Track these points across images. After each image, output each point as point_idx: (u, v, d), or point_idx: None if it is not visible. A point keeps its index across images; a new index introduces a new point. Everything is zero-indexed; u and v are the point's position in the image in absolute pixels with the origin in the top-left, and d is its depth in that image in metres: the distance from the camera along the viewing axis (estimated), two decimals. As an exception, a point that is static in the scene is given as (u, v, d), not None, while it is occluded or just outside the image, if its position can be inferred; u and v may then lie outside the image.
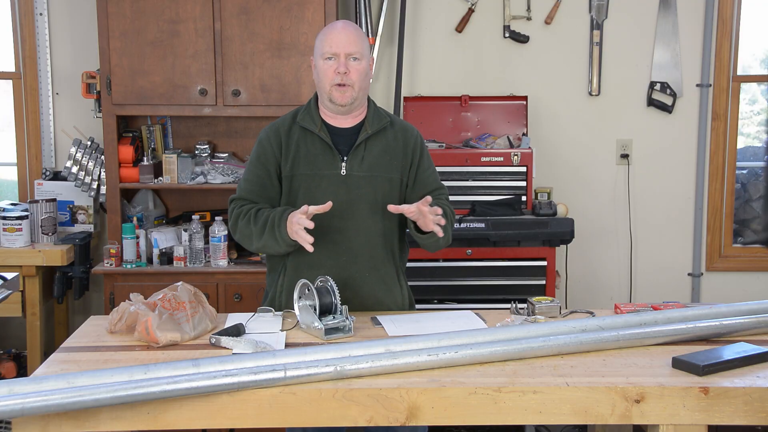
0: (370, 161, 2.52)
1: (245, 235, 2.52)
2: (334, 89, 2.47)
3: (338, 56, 2.46)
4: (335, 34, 2.48)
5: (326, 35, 2.50)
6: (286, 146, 2.54)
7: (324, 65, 2.48)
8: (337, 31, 2.49)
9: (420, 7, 4.01)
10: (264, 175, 2.55)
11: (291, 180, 2.53)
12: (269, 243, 2.45)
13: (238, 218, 2.53)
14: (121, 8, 3.51)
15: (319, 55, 2.50)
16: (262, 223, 2.46)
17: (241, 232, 2.53)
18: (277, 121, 2.61)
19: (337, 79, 2.46)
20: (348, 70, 2.46)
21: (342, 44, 2.46)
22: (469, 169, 3.65)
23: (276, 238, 2.42)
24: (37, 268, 3.62)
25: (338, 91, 2.47)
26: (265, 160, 2.55)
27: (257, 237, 2.47)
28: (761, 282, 4.12)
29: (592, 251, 4.11)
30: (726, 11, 3.99)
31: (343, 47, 2.46)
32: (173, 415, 1.86)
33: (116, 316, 2.28)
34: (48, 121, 3.97)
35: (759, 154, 4.31)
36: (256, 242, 2.49)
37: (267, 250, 2.52)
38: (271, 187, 2.55)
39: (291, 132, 2.55)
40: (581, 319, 2.32)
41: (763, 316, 2.31)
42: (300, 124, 2.54)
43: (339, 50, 2.46)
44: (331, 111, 2.54)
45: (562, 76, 4.04)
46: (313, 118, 2.55)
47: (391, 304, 2.58)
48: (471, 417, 1.90)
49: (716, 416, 1.91)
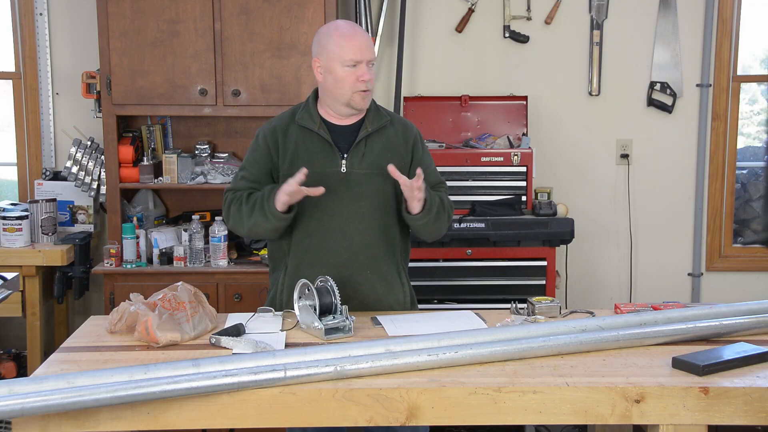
0: (370, 159, 2.52)
1: (236, 219, 2.53)
2: (357, 95, 2.47)
3: (361, 63, 2.45)
4: (356, 41, 2.46)
5: (346, 41, 2.46)
6: (284, 146, 2.54)
7: (344, 72, 2.46)
8: (357, 37, 2.47)
9: (420, 7, 4.01)
10: (258, 173, 2.56)
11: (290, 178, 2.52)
12: (258, 220, 2.45)
13: (230, 204, 2.55)
14: (121, 8, 3.51)
15: (338, 61, 2.46)
16: (251, 203, 2.47)
17: (233, 217, 2.55)
18: (275, 119, 2.61)
19: (362, 86, 2.46)
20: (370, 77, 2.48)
21: (365, 51, 2.46)
22: (469, 169, 3.65)
23: (265, 212, 2.43)
24: (37, 268, 3.62)
25: (361, 96, 2.48)
26: (260, 159, 2.56)
27: (247, 217, 2.48)
28: (761, 282, 4.12)
29: (592, 251, 4.11)
30: (726, 11, 3.99)
31: (366, 55, 2.46)
32: (173, 415, 1.86)
33: (116, 316, 2.28)
34: (48, 121, 3.98)
35: (759, 154, 4.31)
36: (246, 222, 2.49)
37: (257, 229, 2.50)
38: (266, 184, 2.55)
39: (289, 131, 2.55)
40: (581, 319, 2.32)
41: (763, 316, 2.31)
42: (299, 123, 2.54)
43: (362, 58, 2.45)
44: (341, 114, 2.54)
45: (562, 76, 4.04)
46: (312, 117, 2.54)
47: (392, 302, 2.58)
48: (471, 417, 1.90)
49: (716, 416, 1.91)
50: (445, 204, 2.58)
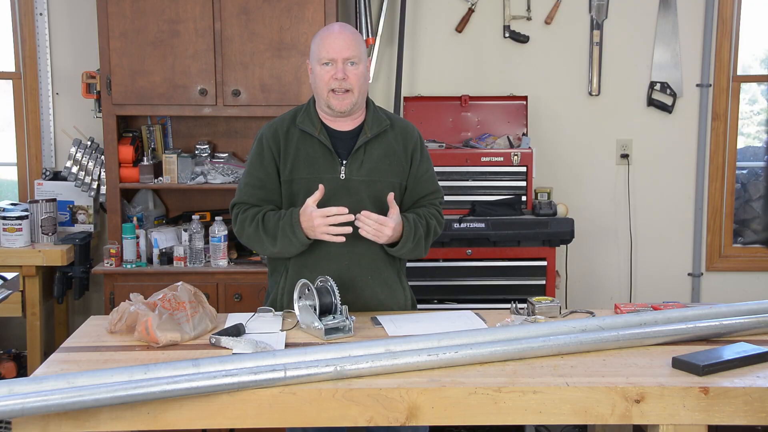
0: (369, 166, 2.50)
1: (255, 241, 2.51)
2: (331, 96, 2.45)
3: (336, 62, 2.43)
4: (332, 39, 2.45)
5: (323, 39, 2.46)
6: (285, 149, 2.52)
7: (321, 70, 2.45)
8: (333, 35, 2.46)
9: (420, 7, 4.01)
10: (264, 177, 2.53)
11: (291, 184, 2.51)
12: (284, 249, 2.45)
13: (244, 224, 2.51)
14: (121, 8, 3.51)
15: (315, 60, 2.47)
16: (272, 229, 2.44)
17: (248, 238, 2.52)
18: (276, 120, 2.59)
19: (334, 84, 2.43)
20: (346, 75, 2.43)
21: (339, 49, 2.43)
22: (469, 169, 3.65)
23: (292, 242, 2.41)
24: (37, 268, 3.62)
25: (335, 98, 2.45)
26: (265, 160, 2.53)
27: (270, 244, 2.46)
28: (761, 282, 4.12)
29: (592, 251, 4.11)
30: (726, 11, 3.99)
31: (340, 52, 2.43)
32: (173, 415, 1.86)
33: (116, 316, 2.28)
34: (48, 121, 3.98)
35: (759, 154, 4.31)
36: (270, 248, 2.48)
37: (282, 254, 2.50)
38: (273, 189, 2.53)
39: (289, 134, 2.53)
40: (581, 319, 2.32)
41: (763, 316, 2.31)
42: (300, 127, 2.52)
43: (336, 55, 2.43)
44: (329, 115, 2.53)
45: (562, 76, 4.04)
46: (312, 121, 2.52)
47: (393, 306, 2.58)
48: (471, 417, 1.90)
49: (716, 416, 1.91)
50: (431, 227, 2.56)
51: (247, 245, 2.58)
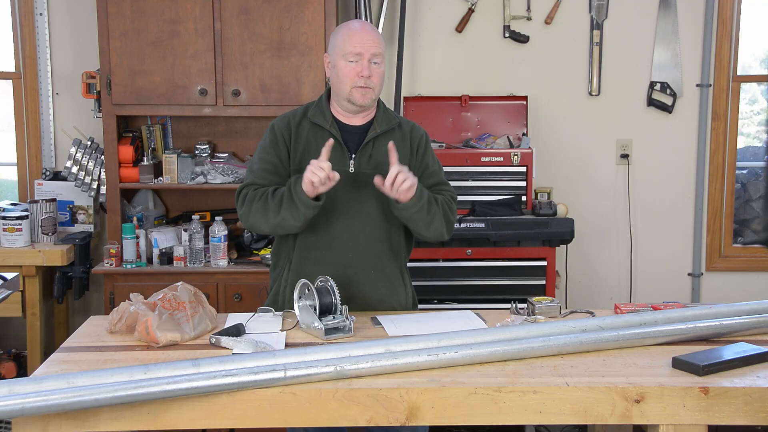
0: (377, 159, 2.52)
1: (260, 215, 2.45)
2: (355, 90, 2.46)
3: (362, 57, 2.44)
4: (360, 34, 2.46)
5: (350, 34, 2.47)
6: (296, 139, 2.53)
7: (346, 66, 2.46)
8: (361, 31, 2.47)
9: (420, 7, 4.01)
10: (277, 162, 2.53)
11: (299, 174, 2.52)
12: (286, 214, 2.39)
13: (253, 200, 2.47)
14: (121, 8, 3.51)
15: (340, 55, 2.47)
16: (279, 197, 2.42)
17: (255, 213, 2.46)
18: (288, 113, 2.60)
19: (360, 82, 2.45)
20: (371, 73, 2.45)
21: (367, 44, 2.45)
22: (469, 169, 3.65)
23: (294, 202, 2.36)
24: (37, 268, 3.62)
25: (360, 92, 2.46)
26: (278, 147, 2.53)
27: (274, 212, 2.41)
28: (761, 282, 4.12)
29: (592, 251, 4.11)
30: (726, 11, 3.99)
31: (368, 47, 2.44)
32: (173, 415, 1.86)
33: (116, 316, 2.28)
34: (48, 121, 3.98)
35: (759, 154, 4.31)
36: (273, 218, 2.42)
37: (284, 223, 2.43)
38: (284, 175, 2.52)
39: (301, 126, 2.55)
40: (581, 319, 2.32)
41: (763, 316, 2.31)
42: (311, 120, 2.54)
43: (364, 50, 2.44)
44: (346, 110, 2.54)
45: (562, 76, 4.04)
46: (324, 114, 2.54)
47: (394, 303, 2.59)
48: (471, 417, 1.90)
49: (716, 416, 1.90)
50: (440, 201, 2.54)
51: (252, 226, 2.52)
